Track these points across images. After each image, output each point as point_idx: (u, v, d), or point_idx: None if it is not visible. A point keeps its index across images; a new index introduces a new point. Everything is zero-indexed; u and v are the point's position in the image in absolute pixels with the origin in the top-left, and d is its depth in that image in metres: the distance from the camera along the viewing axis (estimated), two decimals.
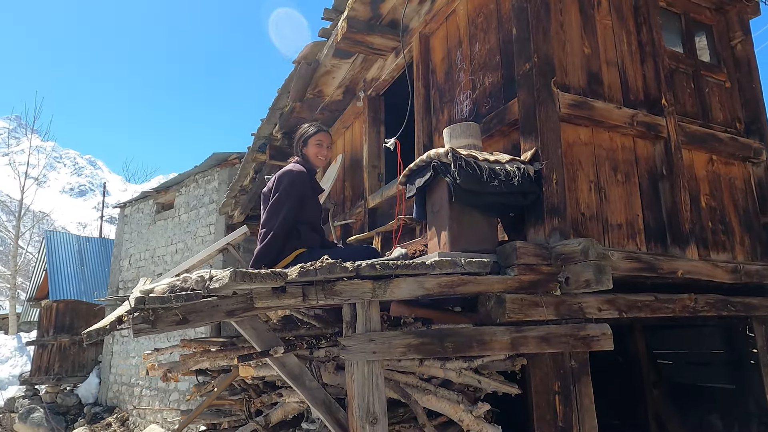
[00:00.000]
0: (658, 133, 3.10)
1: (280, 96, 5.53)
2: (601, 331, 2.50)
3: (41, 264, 14.79)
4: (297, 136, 3.12)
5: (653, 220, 3.03)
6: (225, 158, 10.16)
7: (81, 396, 12.58)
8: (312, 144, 3.03)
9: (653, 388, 5.29)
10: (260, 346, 2.26)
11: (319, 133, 3.05)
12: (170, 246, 11.31)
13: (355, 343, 2.14)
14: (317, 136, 3.04)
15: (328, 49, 4.53)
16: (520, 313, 2.36)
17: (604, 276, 2.33)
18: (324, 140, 3.05)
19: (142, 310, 1.98)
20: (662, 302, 2.81)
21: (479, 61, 3.32)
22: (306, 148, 3.05)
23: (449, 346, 2.23)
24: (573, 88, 2.90)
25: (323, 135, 3.06)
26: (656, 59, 3.26)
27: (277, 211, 2.79)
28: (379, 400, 2.11)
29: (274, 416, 2.66)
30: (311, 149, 3.03)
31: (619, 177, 2.96)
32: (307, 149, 3.04)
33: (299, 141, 3.08)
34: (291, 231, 2.81)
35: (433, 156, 2.54)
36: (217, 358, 2.55)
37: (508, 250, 2.44)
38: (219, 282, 2.02)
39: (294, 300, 2.14)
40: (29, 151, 21.25)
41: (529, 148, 2.67)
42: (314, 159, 3.03)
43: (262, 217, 2.92)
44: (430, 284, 2.25)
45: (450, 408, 2.51)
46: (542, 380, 2.44)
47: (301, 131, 3.11)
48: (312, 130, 3.07)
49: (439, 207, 2.59)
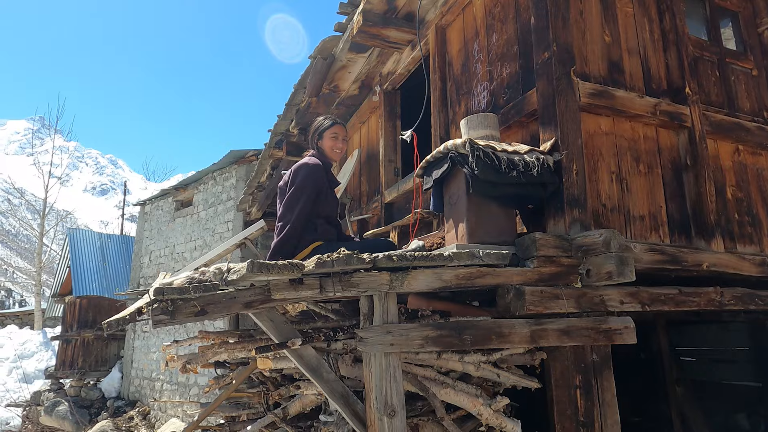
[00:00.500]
0: (681, 123, 3.02)
1: (296, 92, 5.54)
2: (624, 325, 2.45)
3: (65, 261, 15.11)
4: (312, 129, 3.11)
5: (677, 211, 2.95)
6: (242, 155, 10.23)
7: (104, 390, 12.83)
8: (327, 137, 3.02)
9: (676, 385, 5.19)
10: (278, 337, 2.27)
11: (334, 125, 3.03)
12: (189, 243, 11.45)
13: (372, 335, 2.13)
14: (332, 129, 3.02)
15: (344, 44, 4.51)
16: (540, 305, 2.32)
17: (627, 268, 2.28)
18: (339, 133, 3.03)
19: (161, 302, 2.00)
20: (687, 295, 2.74)
21: (496, 52, 3.27)
22: (321, 141, 3.03)
23: (468, 339, 2.21)
24: (593, 77, 2.84)
25: (338, 128, 3.04)
26: (680, 47, 3.17)
27: (293, 204, 2.79)
28: (397, 393, 2.10)
29: (292, 408, 2.66)
30: (326, 142, 3.01)
31: (641, 168, 2.89)
32: (322, 142, 3.03)
33: (314, 134, 3.07)
34: (307, 224, 2.80)
35: (450, 147, 2.51)
36: (235, 350, 2.57)
37: (527, 241, 2.40)
38: (237, 274, 2.02)
39: (311, 292, 2.14)
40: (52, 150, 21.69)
41: (549, 138, 2.62)
42: (330, 152, 3.02)
43: (278, 211, 2.92)
44: (447, 276, 2.22)
45: (468, 402, 2.48)
46: (563, 374, 2.39)
47: (316, 124, 3.10)
48: (327, 123, 3.06)
49: (456, 199, 2.56)
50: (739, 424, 4.86)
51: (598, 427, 2.33)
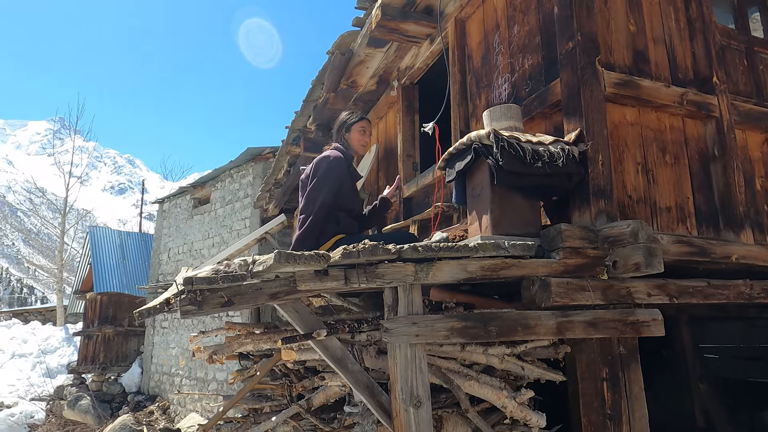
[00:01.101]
0: (709, 113, 2.96)
1: (314, 88, 5.56)
2: (651, 317, 2.41)
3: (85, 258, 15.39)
4: (339, 122, 3.15)
5: (704, 203, 2.90)
6: (259, 153, 10.30)
7: (124, 385, 13.06)
8: (355, 130, 3.08)
9: (700, 382, 5.12)
10: (303, 329, 2.28)
11: (362, 120, 3.11)
12: (207, 240, 11.57)
13: (397, 326, 2.13)
14: (361, 123, 3.09)
15: (362, 38, 4.51)
16: (566, 297, 2.29)
17: (655, 259, 2.24)
18: (366, 128, 3.12)
19: (189, 292, 2.02)
20: (715, 288, 2.69)
21: (518, 44, 3.24)
22: (349, 134, 3.08)
23: (493, 330, 2.20)
24: (618, 66, 2.80)
25: (366, 123, 3.12)
26: (706, 36, 3.11)
27: (315, 196, 2.80)
28: (422, 383, 2.10)
29: (316, 400, 2.68)
30: (354, 135, 3.07)
31: (667, 159, 2.85)
32: (350, 135, 3.08)
33: (341, 127, 3.11)
34: (329, 217, 2.81)
35: (474, 138, 2.49)
36: (260, 341, 2.59)
37: (552, 233, 2.37)
38: (263, 265, 2.04)
39: (336, 283, 2.14)
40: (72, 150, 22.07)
41: (573, 129, 2.59)
42: (357, 146, 3.07)
43: (300, 204, 2.94)
44: (472, 267, 2.21)
45: (493, 394, 2.47)
46: (589, 366, 2.37)
47: (343, 117, 3.15)
48: (355, 117, 3.12)
49: (480, 190, 2.54)
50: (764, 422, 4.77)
51: (626, 421, 2.31)
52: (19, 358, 14.49)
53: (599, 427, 2.31)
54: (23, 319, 21.12)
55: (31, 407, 12.23)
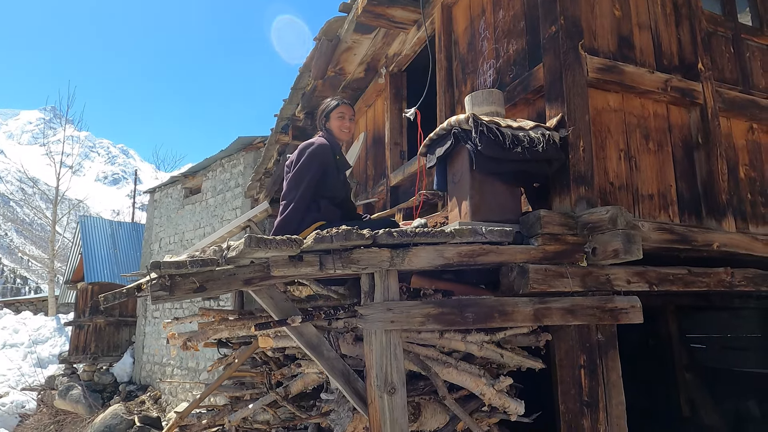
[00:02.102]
0: (693, 100, 2.93)
1: (302, 75, 5.49)
2: (630, 304, 2.40)
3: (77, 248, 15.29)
4: (319, 111, 3.08)
5: (687, 190, 2.88)
6: (250, 142, 10.22)
7: (116, 375, 13.03)
8: (334, 117, 2.99)
9: (686, 371, 5.14)
10: (278, 315, 2.25)
11: (340, 105, 3.01)
12: (198, 230, 11.51)
13: (373, 312, 2.10)
14: (339, 109, 2.99)
15: (349, 24, 4.45)
16: (544, 284, 2.28)
17: (634, 246, 2.22)
18: (346, 112, 3.01)
19: (159, 277, 1.98)
20: (696, 276, 2.67)
21: (503, 29, 3.20)
22: (329, 122, 3.00)
23: (470, 317, 2.18)
24: (602, 51, 2.77)
25: (345, 107, 3.01)
26: (692, 22, 3.08)
27: (297, 183, 2.76)
28: (397, 370, 2.08)
29: (294, 387, 2.66)
30: (334, 122, 2.99)
31: (650, 145, 2.82)
32: (330, 123, 3.00)
33: (321, 116, 3.04)
34: (311, 204, 2.78)
35: (453, 123, 2.46)
36: (235, 327, 2.56)
37: (531, 219, 2.35)
38: (235, 250, 2.00)
39: (311, 269, 2.11)
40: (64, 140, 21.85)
41: (555, 114, 2.56)
42: (338, 132, 2.98)
43: (283, 189, 2.90)
44: (449, 253, 2.19)
45: (471, 381, 2.46)
46: (567, 354, 2.36)
47: (322, 106, 3.08)
48: (333, 103, 3.04)
49: (459, 176, 2.51)
50: (750, 411, 4.79)
51: (603, 408, 2.30)
52: (10, 348, 14.43)
53: (576, 415, 2.30)
54: (15, 309, 21.01)
55: (22, 397, 12.20)
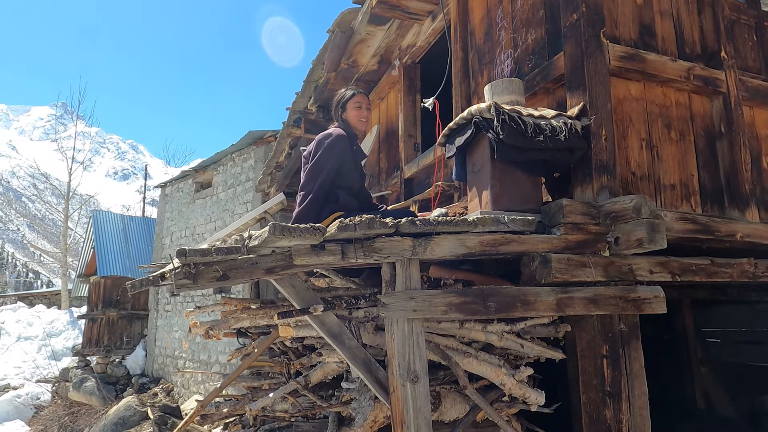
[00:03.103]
0: (716, 88, 2.89)
1: (315, 68, 5.48)
2: (653, 294, 2.38)
3: (89, 242, 15.43)
4: (335, 102, 3.06)
5: (710, 180, 2.85)
6: (261, 136, 10.24)
7: (129, 367, 13.18)
8: (351, 107, 2.97)
9: (701, 365, 5.11)
10: (299, 304, 2.26)
11: (356, 95, 2.99)
12: (209, 224, 11.57)
13: (395, 301, 2.10)
14: (355, 99, 2.97)
15: (363, 16, 4.43)
16: (567, 273, 2.26)
17: (658, 235, 2.20)
18: (363, 102, 2.98)
19: (184, 265, 1.99)
20: (719, 266, 2.64)
21: (521, 18, 3.16)
22: (345, 112, 2.98)
23: (492, 306, 2.17)
24: (623, 40, 2.73)
25: (361, 96, 2.99)
26: (715, 9, 3.03)
27: (315, 173, 2.76)
28: (420, 359, 2.08)
29: (314, 377, 2.67)
30: (351, 113, 2.96)
31: (672, 135, 2.79)
32: (346, 113, 2.98)
33: (337, 107, 3.02)
34: (329, 194, 2.77)
35: (474, 112, 2.44)
36: (257, 316, 2.57)
37: (553, 208, 2.33)
38: (258, 239, 2.01)
39: (333, 257, 2.11)
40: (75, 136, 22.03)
41: (576, 103, 2.53)
42: (355, 122, 2.96)
43: (301, 180, 2.90)
44: (471, 242, 2.18)
45: (491, 371, 2.46)
46: (589, 344, 2.34)
47: (337, 97, 3.06)
48: (349, 93, 3.01)
49: (480, 166, 2.50)
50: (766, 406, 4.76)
51: (626, 398, 2.28)
52: (24, 341, 14.63)
53: (598, 405, 2.29)
54: (28, 302, 21.29)
55: (37, 389, 12.37)
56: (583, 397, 2.34)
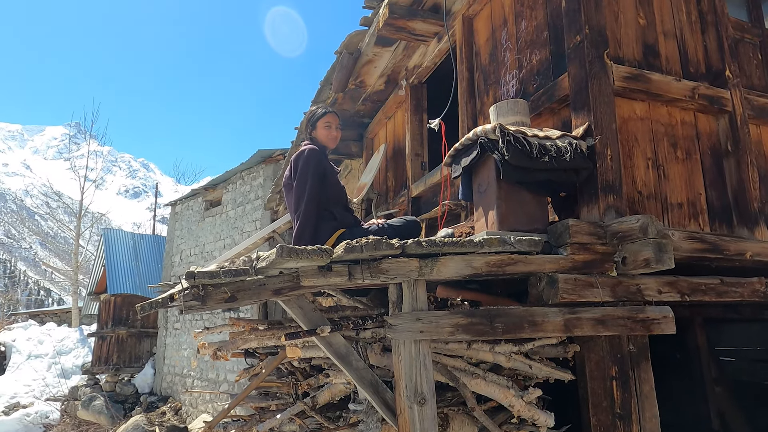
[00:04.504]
0: (721, 107, 2.90)
1: (323, 88, 5.56)
2: (662, 314, 2.36)
3: (100, 260, 15.56)
4: (305, 119, 3.08)
5: (717, 199, 2.84)
6: (269, 155, 10.35)
7: (137, 386, 13.17)
8: (321, 126, 2.98)
9: (715, 385, 5.01)
10: (307, 325, 2.26)
11: (326, 115, 3.00)
12: (218, 242, 11.64)
13: (401, 322, 2.10)
14: (325, 118, 2.98)
15: (370, 38, 4.51)
16: (574, 294, 2.25)
17: (665, 255, 2.19)
18: (332, 121, 3.00)
19: (193, 287, 2.01)
20: (729, 286, 2.62)
21: (526, 39, 3.21)
22: (315, 130, 2.99)
23: (499, 327, 2.16)
24: (627, 60, 2.76)
25: (331, 116, 3.00)
26: (719, 29, 3.05)
27: (302, 191, 2.76)
28: (427, 380, 2.07)
29: (321, 398, 2.66)
30: (320, 131, 2.98)
31: (679, 154, 2.79)
32: (316, 132, 2.99)
33: (307, 124, 3.04)
34: (323, 212, 2.78)
35: (479, 133, 2.46)
36: (265, 337, 2.58)
37: (560, 228, 2.33)
38: (266, 260, 2.03)
39: (340, 278, 2.12)
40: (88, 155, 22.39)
41: (581, 123, 2.55)
42: (324, 140, 2.98)
43: (290, 205, 2.91)
44: (478, 263, 2.18)
45: (500, 393, 2.43)
46: (598, 365, 2.32)
47: (308, 114, 3.08)
48: (320, 111, 3.03)
49: (486, 186, 2.51)
50: None
51: (636, 420, 2.25)
52: (35, 359, 14.69)
53: (609, 427, 2.26)
54: (39, 320, 21.43)
55: (46, 407, 12.38)
56: (593, 419, 2.31)
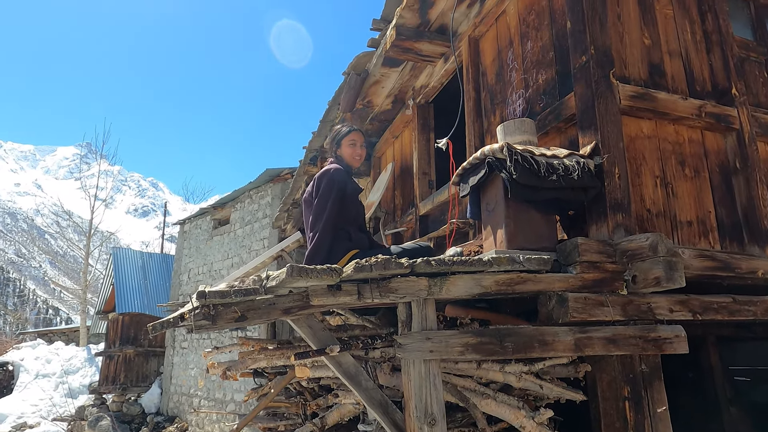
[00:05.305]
0: (729, 125, 2.91)
1: (331, 108, 5.63)
2: (674, 333, 2.33)
3: (108, 279, 15.64)
4: (330, 137, 3.12)
5: (727, 216, 2.83)
6: (277, 174, 10.44)
7: (144, 405, 13.10)
8: (345, 144, 3.02)
9: (730, 405, 4.90)
10: (316, 344, 2.26)
11: (351, 132, 3.04)
12: (226, 260, 11.68)
13: (411, 342, 2.10)
14: (350, 136, 3.02)
15: (377, 59, 4.58)
16: (584, 313, 2.24)
17: (676, 273, 2.18)
18: (357, 140, 3.03)
19: (203, 306, 2.03)
20: (741, 304, 2.60)
21: (532, 59, 3.25)
22: (339, 149, 3.03)
23: (509, 346, 2.15)
24: (633, 79, 2.78)
25: (356, 134, 3.04)
26: (724, 48, 3.08)
27: (321, 211, 2.79)
28: (437, 401, 2.05)
29: (330, 418, 2.64)
30: (345, 150, 3.02)
31: (687, 171, 2.79)
32: (341, 150, 3.03)
33: (332, 143, 3.08)
34: (339, 232, 2.80)
35: (487, 152, 2.48)
36: (274, 357, 2.57)
37: (569, 247, 2.33)
38: (276, 280, 2.04)
39: (349, 297, 2.13)
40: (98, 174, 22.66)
41: (588, 142, 2.56)
42: (349, 159, 3.01)
43: (307, 222, 2.93)
44: (487, 282, 2.18)
45: (510, 413, 2.41)
46: (610, 385, 2.30)
47: (333, 133, 3.12)
48: (345, 130, 3.07)
49: (494, 205, 2.52)
50: None
51: None
52: (42, 379, 14.69)
53: None
54: (48, 339, 21.48)
55: (53, 428, 12.33)
56: None
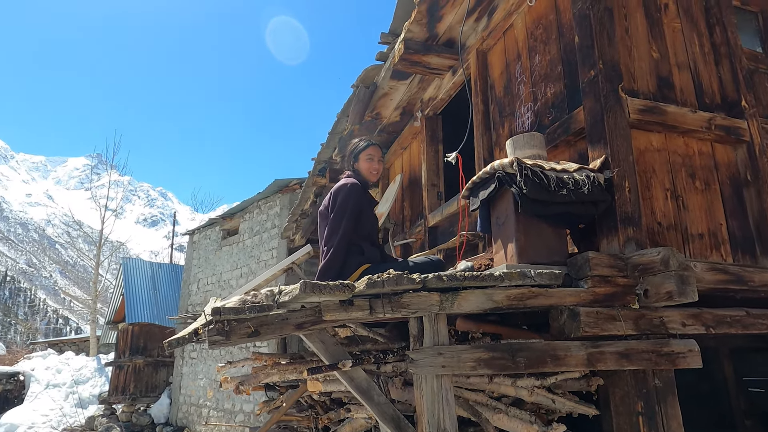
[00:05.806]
0: (739, 137, 2.90)
1: (340, 120, 5.68)
2: (687, 348, 2.32)
3: (119, 289, 15.74)
4: (347, 151, 3.14)
5: (739, 229, 2.82)
6: (286, 184, 10.50)
7: (153, 416, 13.12)
8: (363, 159, 3.04)
9: (745, 418, 4.84)
10: (328, 359, 2.28)
11: (369, 147, 3.05)
12: (235, 270, 11.73)
13: (423, 357, 2.11)
14: (368, 151, 3.04)
15: (386, 72, 4.62)
16: (596, 327, 2.24)
17: (688, 287, 2.18)
18: (375, 154, 3.05)
19: (217, 322, 2.05)
20: (755, 317, 2.58)
21: (540, 73, 3.27)
22: (357, 163, 3.05)
23: (521, 361, 2.15)
24: (642, 93, 2.79)
25: (374, 149, 3.06)
26: (732, 60, 3.08)
27: (336, 225, 2.81)
28: (449, 416, 2.06)
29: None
30: (363, 164, 3.04)
31: (697, 184, 2.79)
32: (358, 164, 3.05)
33: (350, 156, 3.10)
34: (352, 246, 2.82)
35: (497, 167, 2.50)
36: (286, 371, 2.59)
37: (580, 261, 2.34)
38: (289, 295, 2.06)
39: (361, 313, 2.15)
40: (108, 185, 22.90)
41: (598, 156, 2.57)
42: (366, 173, 3.03)
43: (322, 235, 2.96)
44: (498, 297, 2.19)
45: (523, 428, 2.40)
46: (623, 399, 2.29)
47: (351, 146, 3.14)
48: (362, 144, 3.08)
49: (504, 218, 2.53)
50: None
51: None
52: (53, 389, 14.77)
53: None
54: (58, 349, 21.61)
55: None
56: None
